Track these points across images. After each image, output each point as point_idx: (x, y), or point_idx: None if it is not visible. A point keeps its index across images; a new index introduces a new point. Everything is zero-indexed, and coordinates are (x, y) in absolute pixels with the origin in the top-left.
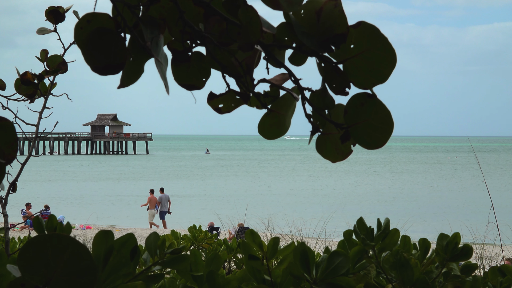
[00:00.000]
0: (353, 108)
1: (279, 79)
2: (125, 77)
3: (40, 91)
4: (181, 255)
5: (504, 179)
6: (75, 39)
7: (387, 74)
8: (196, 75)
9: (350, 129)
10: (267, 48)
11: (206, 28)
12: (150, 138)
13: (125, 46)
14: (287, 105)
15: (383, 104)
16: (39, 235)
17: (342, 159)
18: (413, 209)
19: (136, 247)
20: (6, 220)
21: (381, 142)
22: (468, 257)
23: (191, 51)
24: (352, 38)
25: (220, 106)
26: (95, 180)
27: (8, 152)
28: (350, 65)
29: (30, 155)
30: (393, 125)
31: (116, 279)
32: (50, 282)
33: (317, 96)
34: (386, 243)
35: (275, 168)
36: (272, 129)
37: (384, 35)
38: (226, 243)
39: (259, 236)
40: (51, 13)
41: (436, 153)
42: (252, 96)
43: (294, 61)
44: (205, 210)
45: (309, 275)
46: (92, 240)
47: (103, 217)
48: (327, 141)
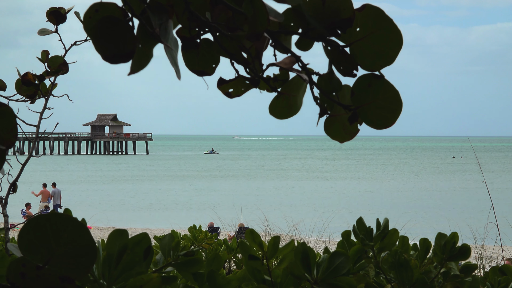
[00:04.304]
0: (360, 89)
1: (287, 62)
2: (135, 63)
3: (40, 92)
4: (195, 258)
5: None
6: (84, 28)
7: (394, 55)
8: (206, 61)
9: (358, 110)
10: (274, 35)
11: (212, 17)
12: (150, 138)
13: (133, 34)
14: (297, 87)
15: (391, 84)
16: (39, 215)
17: (349, 138)
18: (413, 209)
19: (150, 247)
20: (6, 220)
21: (390, 122)
22: (466, 256)
23: (200, 38)
24: (358, 21)
25: (230, 91)
26: (95, 180)
27: (7, 138)
28: (357, 48)
29: (30, 155)
30: (402, 105)
31: (129, 278)
32: (50, 261)
33: (324, 80)
34: (385, 243)
35: (273, 168)
36: (283, 110)
37: (389, 16)
38: (226, 243)
39: (259, 235)
40: (52, 14)
41: (440, 153)
42: (261, 80)
43: (300, 46)
44: (205, 210)
45: (310, 275)
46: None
47: (103, 217)
48: (334, 122)
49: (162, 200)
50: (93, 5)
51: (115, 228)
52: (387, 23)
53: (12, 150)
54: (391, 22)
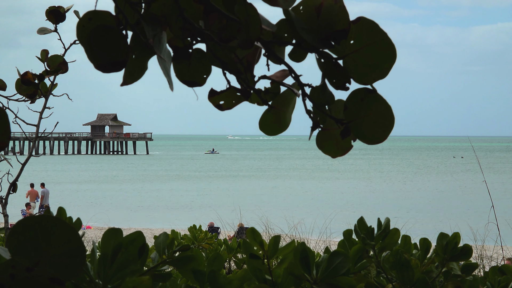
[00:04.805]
0: (353, 104)
1: (279, 75)
2: (127, 74)
3: (40, 91)
4: (189, 255)
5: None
6: (77, 37)
7: (387, 69)
8: (197, 72)
9: (350, 124)
10: (267, 45)
11: (206, 25)
12: (150, 138)
13: (127, 43)
14: (287, 101)
15: (383, 99)
16: (28, 217)
17: (342, 154)
18: (413, 209)
19: (144, 245)
20: (6, 220)
21: (382, 137)
22: (468, 257)
23: (192, 48)
24: (352, 33)
25: (221, 103)
26: (95, 180)
27: (1, 140)
28: (350, 61)
29: (30, 155)
30: (394, 120)
31: (124, 276)
32: (39, 263)
33: (317, 92)
34: (386, 242)
35: (273, 168)
36: (274, 125)
37: (383, 30)
38: (226, 243)
39: (260, 234)
40: (51, 13)
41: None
42: (252, 92)
43: (294, 57)
44: (205, 210)
45: (310, 275)
46: (91, 240)
47: (103, 217)
48: (327, 137)
49: (162, 200)
50: (87, 13)
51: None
52: (381, 36)
53: (12, 151)
54: (385, 36)
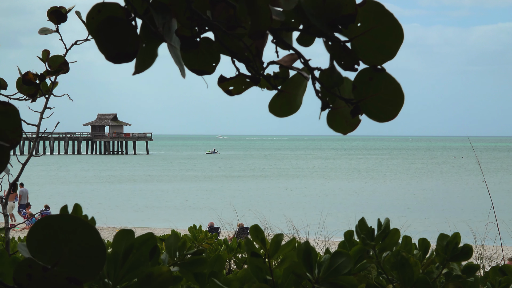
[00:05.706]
0: (362, 83)
1: (287, 60)
2: (139, 63)
3: (41, 91)
4: (201, 258)
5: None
6: (87, 29)
7: (395, 49)
8: (206, 60)
9: (360, 103)
10: (276, 32)
11: (213, 15)
12: (150, 138)
13: (136, 33)
14: (297, 85)
15: (392, 77)
16: (48, 216)
17: (351, 130)
18: (414, 209)
19: (156, 247)
20: (6, 220)
21: (393, 115)
22: (468, 257)
23: (200, 37)
24: (359, 16)
25: (231, 89)
26: (95, 180)
27: (12, 137)
28: (358, 43)
29: (30, 155)
30: (404, 97)
31: (134, 277)
32: (59, 262)
33: (326, 74)
34: (387, 243)
35: (275, 168)
36: (283, 108)
37: (389, 11)
38: (227, 243)
39: (263, 232)
40: (53, 13)
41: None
42: (262, 78)
43: (302, 42)
44: (206, 210)
45: (311, 274)
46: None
47: (103, 217)
48: (336, 116)
49: (162, 200)
50: (96, 5)
51: (115, 228)
52: (388, 17)
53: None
54: (391, 17)
